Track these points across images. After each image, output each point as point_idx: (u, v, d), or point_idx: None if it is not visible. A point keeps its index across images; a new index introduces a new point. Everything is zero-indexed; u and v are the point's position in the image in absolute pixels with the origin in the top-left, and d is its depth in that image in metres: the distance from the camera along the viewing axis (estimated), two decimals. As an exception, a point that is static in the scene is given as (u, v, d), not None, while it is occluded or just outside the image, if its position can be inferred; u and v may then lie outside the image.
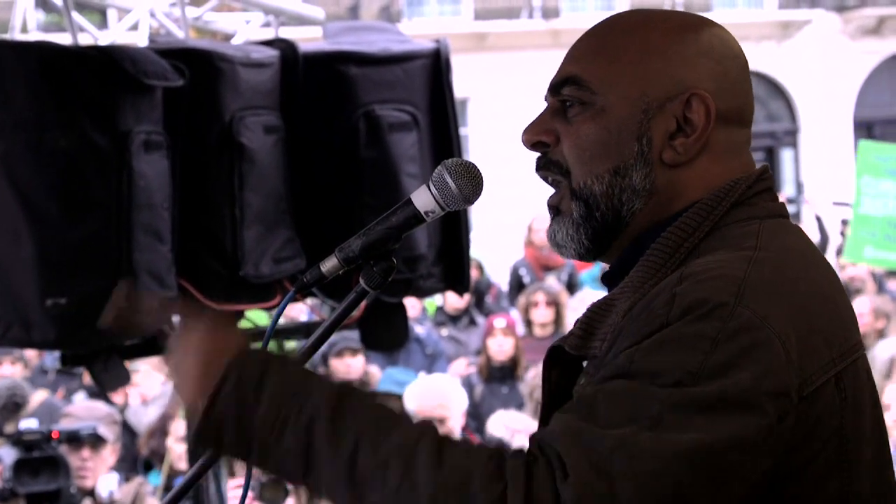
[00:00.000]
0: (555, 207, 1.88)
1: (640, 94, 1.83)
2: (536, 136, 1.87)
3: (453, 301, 10.51)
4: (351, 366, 8.05)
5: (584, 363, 1.82)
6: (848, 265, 10.73)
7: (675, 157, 1.83)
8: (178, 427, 6.62)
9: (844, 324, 1.77)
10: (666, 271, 1.75)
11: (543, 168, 1.88)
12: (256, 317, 4.55)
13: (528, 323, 9.28)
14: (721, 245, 1.76)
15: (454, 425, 6.58)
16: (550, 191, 1.91)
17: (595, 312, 1.80)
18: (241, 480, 5.14)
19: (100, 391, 7.22)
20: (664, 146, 1.83)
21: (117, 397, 8.49)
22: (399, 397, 7.04)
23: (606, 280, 1.88)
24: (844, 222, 14.49)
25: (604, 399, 1.62)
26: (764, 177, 1.86)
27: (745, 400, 1.61)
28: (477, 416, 8.28)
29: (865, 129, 27.29)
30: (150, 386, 8.30)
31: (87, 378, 8.48)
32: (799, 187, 27.02)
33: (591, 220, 1.84)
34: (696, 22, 1.89)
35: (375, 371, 8.51)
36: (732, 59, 1.87)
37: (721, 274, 1.68)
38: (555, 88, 1.87)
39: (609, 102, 1.83)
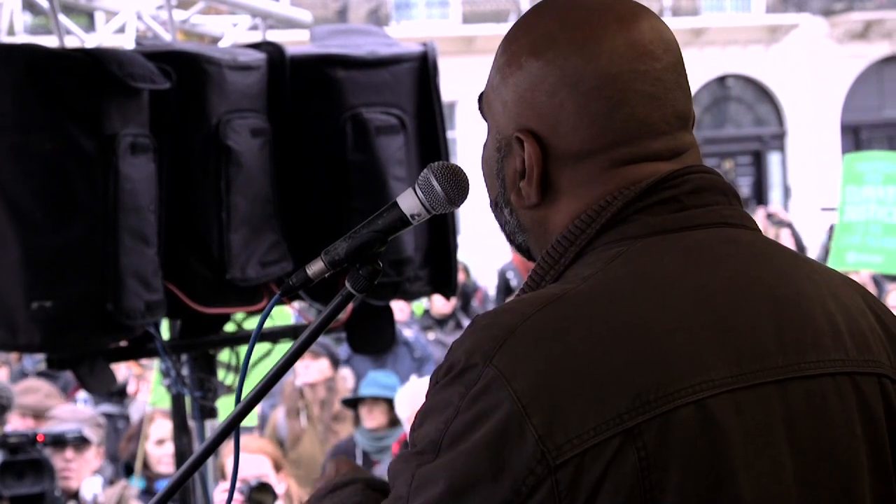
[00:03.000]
0: None
1: (496, 129, 1.73)
2: None
3: (439, 305, 10.52)
4: (311, 367, 7.94)
5: None
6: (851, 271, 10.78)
7: (520, 201, 1.71)
8: (156, 430, 6.61)
9: (666, 365, 1.51)
10: None
11: None
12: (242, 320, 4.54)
13: None
14: (572, 275, 1.62)
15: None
16: None
17: None
18: (226, 484, 5.13)
19: (88, 391, 7.20)
20: (513, 188, 1.72)
21: (129, 389, 8.53)
22: (385, 400, 7.04)
23: None
24: (832, 228, 14.53)
25: (391, 478, 1.60)
26: (667, 185, 1.64)
27: (472, 474, 1.49)
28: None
29: (852, 133, 27.38)
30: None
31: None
32: (786, 191, 27.08)
33: (510, 242, 1.82)
34: (547, 37, 1.68)
35: (347, 375, 8.47)
36: (573, 86, 1.65)
37: (496, 323, 1.55)
38: None
39: (488, 134, 1.77)
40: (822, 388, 1.59)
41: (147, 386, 8.52)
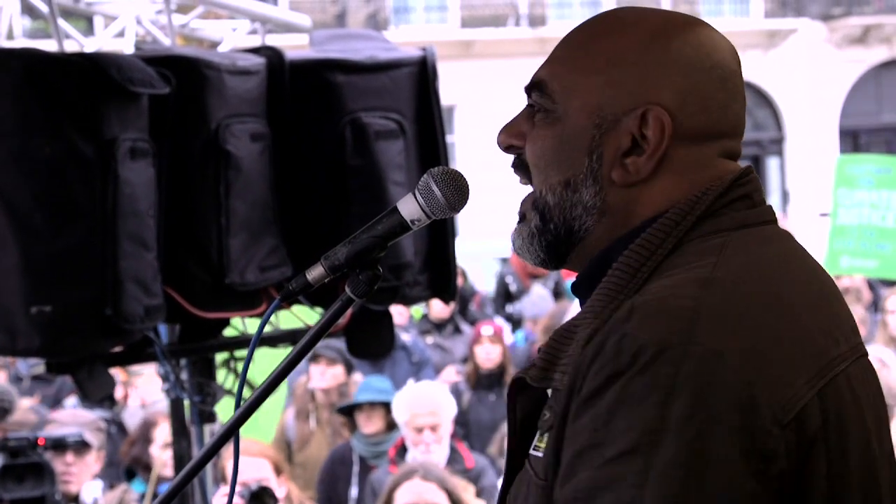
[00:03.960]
0: (521, 213, 1.84)
1: (596, 106, 1.75)
2: (507, 140, 1.84)
3: (437, 309, 10.51)
4: (326, 373, 7.94)
5: (549, 393, 1.72)
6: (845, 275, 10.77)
7: (624, 177, 1.74)
8: (161, 433, 6.60)
9: (818, 338, 1.65)
10: (628, 293, 1.67)
11: (515, 170, 1.86)
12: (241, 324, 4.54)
13: None
14: (683, 263, 1.67)
15: (444, 433, 6.57)
16: None
17: (557, 341, 1.70)
18: (227, 488, 5.13)
19: (83, 398, 7.20)
20: (615, 164, 1.74)
21: (117, 395, 8.52)
22: (382, 405, 7.03)
23: (575, 291, 1.82)
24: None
25: (590, 491, 1.55)
26: (740, 182, 1.75)
27: (720, 452, 1.51)
28: (464, 423, 8.29)
29: (851, 137, 27.38)
30: (150, 391, 8.30)
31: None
32: (784, 196, 27.08)
33: (545, 231, 1.79)
34: (673, 26, 1.78)
35: (359, 380, 8.48)
36: (706, 71, 1.75)
37: (671, 306, 1.59)
38: (527, 91, 1.84)
39: (567, 112, 1.77)
40: (869, 366, 1.76)
41: (135, 392, 8.52)
